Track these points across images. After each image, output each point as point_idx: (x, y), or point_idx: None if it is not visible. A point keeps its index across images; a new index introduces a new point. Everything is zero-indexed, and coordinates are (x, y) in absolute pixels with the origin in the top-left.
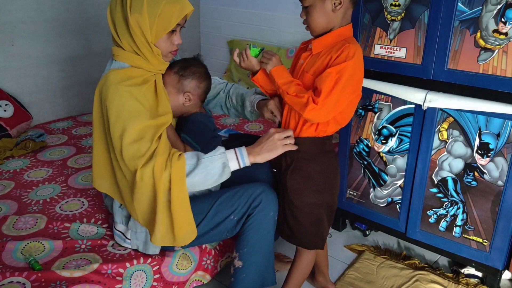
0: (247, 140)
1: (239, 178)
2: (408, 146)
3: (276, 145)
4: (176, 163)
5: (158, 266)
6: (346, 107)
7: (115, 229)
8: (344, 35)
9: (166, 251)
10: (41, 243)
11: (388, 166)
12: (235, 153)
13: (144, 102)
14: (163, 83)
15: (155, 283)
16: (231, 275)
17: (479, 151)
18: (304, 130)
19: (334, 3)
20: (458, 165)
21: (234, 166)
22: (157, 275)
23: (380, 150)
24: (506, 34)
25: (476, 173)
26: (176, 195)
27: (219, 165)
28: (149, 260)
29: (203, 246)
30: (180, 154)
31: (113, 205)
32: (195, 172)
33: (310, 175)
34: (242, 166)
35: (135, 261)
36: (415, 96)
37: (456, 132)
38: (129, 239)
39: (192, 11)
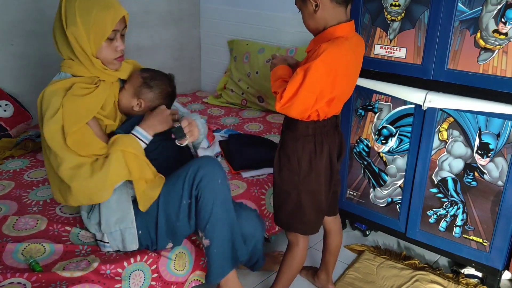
0: (247, 140)
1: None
2: (408, 146)
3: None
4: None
5: (155, 265)
6: (329, 102)
7: (96, 239)
8: (332, 35)
9: (161, 250)
10: (41, 245)
11: (388, 166)
12: (135, 135)
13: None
14: (129, 77)
15: (153, 283)
16: (205, 257)
17: (479, 151)
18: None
19: (313, 5)
20: (458, 165)
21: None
22: (155, 275)
23: (380, 150)
24: (506, 34)
25: (476, 173)
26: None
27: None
28: (145, 257)
29: (201, 246)
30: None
31: (83, 219)
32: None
33: (289, 155)
34: (147, 142)
35: (132, 259)
36: (415, 96)
37: (456, 132)
38: (108, 242)
39: (128, 15)
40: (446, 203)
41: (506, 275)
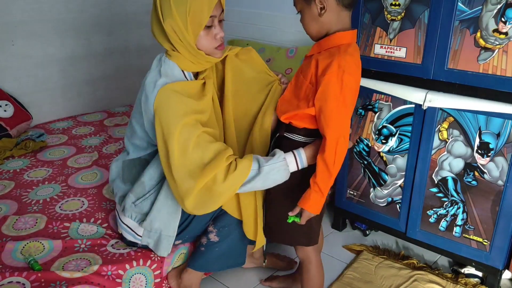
0: None
1: None
2: (408, 145)
3: None
4: (239, 170)
5: (159, 270)
6: None
7: (122, 223)
8: (340, 41)
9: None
10: (40, 243)
11: (388, 166)
12: (294, 156)
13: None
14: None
15: None
16: (202, 245)
17: (479, 151)
18: (294, 123)
19: (319, 8)
20: (458, 164)
21: (293, 168)
22: (158, 280)
23: (380, 150)
24: (506, 33)
25: (476, 173)
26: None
27: (280, 171)
28: (149, 262)
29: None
30: (237, 159)
31: (125, 198)
32: (256, 179)
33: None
34: (300, 168)
35: (134, 263)
36: (415, 95)
37: (456, 132)
38: (140, 236)
39: (224, 0)
40: (446, 203)
41: (506, 274)
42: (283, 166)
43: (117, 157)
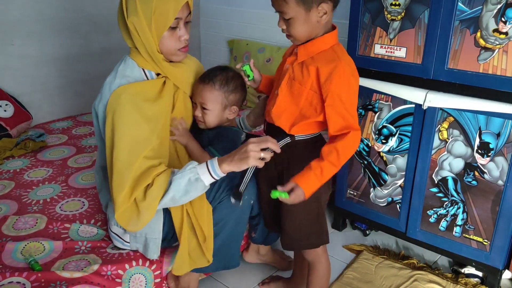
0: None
1: None
2: (408, 145)
3: (248, 155)
4: (156, 184)
5: (159, 271)
6: None
7: (111, 231)
8: (330, 42)
9: (163, 254)
10: (41, 243)
11: (388, 166)
12: (207, 166)
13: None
14: (202, 97)
15: None
16: None
17: (479, 151)
18: (294, 131)
19: (320, 14)
20: (459, 164)
21: (207, 179)
22: (158, 280)
23: (380, 150)
24: (506, 33)
25: (476, 173)
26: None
27: (191, 181)
28: (148, 262)
29: None
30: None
31: (108, 207)
32: (170, 190)
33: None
34: (217, 178)
35: (134, 263)
36: (415, 95)
37: (456, 132)
38: (128, 242)
39: (192, 2)
40: (446, 203)
41: (506, 274)
42: (190, 174)
43: (95, 165)
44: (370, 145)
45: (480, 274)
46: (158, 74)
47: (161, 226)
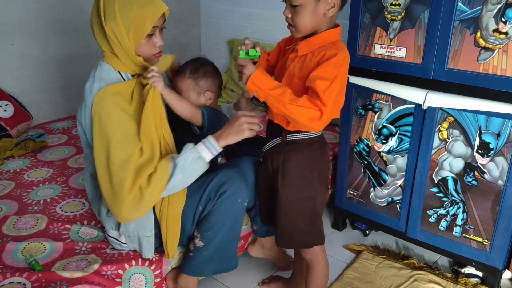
0: (248, 139)
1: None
2: (408, 145)
3: (243, 128)
4: (159, 171)
5: (159, 270)
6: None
7: (108, 235)
8: (332, 38)
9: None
10: (41, 243)
11: (388, 166)
12: (204, 143)
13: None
14: (178, 89)
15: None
16: (190, 250)
17: (479, 151)
18: (291, 127)
19: (328, 6)
20: (459, 164)
21: (207, 155)
22: (158, 279)
23: (380, 150)
24: (506, 33)
25: (476, 173)
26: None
27: (194, 160)
28: (147, 262)
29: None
30: (159, 163)
31: (100, 213)
32: (175, 174)
33: (299, 167)
34: (216, 153)
35: (133, 262)
36: (415, 95)
37: (456, 132)
38: (125, 243)
39: (168, 11)
40: (446, 203)
41: (506, 274)
42: (195, 154)
43: (84, 174)
44: (370, 145)
45: (480, 274)
46: (133, 75)
47: (153, 224)
